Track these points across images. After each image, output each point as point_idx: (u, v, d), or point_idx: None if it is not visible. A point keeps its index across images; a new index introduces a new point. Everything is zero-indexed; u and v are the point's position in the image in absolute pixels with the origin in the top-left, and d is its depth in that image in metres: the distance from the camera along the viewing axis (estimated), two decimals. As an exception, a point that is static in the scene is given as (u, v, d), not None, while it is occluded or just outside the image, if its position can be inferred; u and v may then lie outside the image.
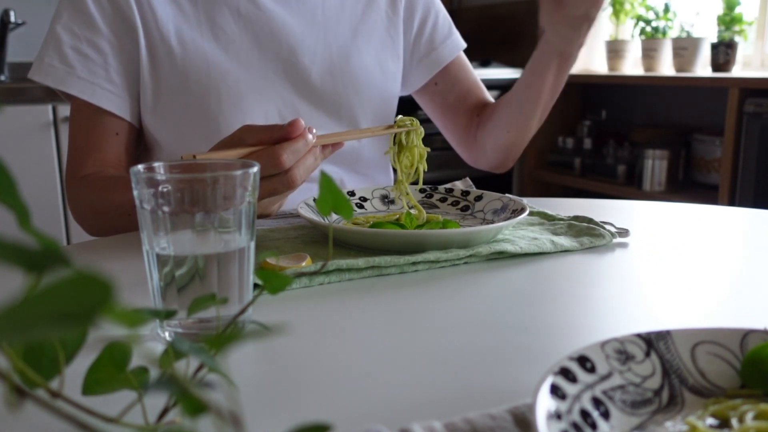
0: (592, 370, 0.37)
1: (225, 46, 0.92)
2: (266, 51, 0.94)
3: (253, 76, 0.93)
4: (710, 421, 0.36)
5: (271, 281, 0.40)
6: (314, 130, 0.70)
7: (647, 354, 0.39)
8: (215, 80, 0.90)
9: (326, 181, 0.39)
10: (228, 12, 0.93)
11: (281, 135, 0.67)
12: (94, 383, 0.35)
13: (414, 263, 0.64)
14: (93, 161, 0.90)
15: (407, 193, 0.80)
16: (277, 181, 0.67)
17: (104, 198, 0.86)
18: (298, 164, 0.67)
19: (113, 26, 0.89)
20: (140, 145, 0.98)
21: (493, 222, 0.77)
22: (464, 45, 1.11)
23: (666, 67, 2.69)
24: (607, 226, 0.75)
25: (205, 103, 0.90)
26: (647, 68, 2.71)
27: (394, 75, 1.05)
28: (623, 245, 0.73)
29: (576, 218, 0.78)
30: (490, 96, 1.13)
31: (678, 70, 2.61)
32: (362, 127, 1.02)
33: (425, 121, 1.09)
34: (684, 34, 2.61)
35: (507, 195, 0.81)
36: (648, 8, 2.74)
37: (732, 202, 2.26)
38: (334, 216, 0.77)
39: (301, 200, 0.77)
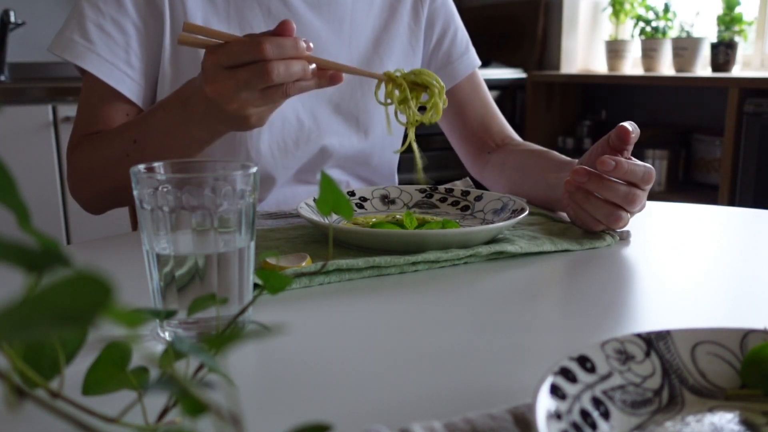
0: (592, 370, 0.37)
1: None
2: None
3: None
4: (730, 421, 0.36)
5: (271, 281, 0.40)
6: (311, 45, 0.67)
7: (647, 354, 0.39)
8: None
9: (326, 181, 0.39)
10: (258, 10, 0.92)
11: (270, 33, 0.65)
12: (94, 383, 0.35)
13: (414, 263, 0.64)
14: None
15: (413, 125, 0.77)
16: (253, 69, 0.64)
17: (101, 147, 0.84)
18: (280, 61, 0.64)
19: (141, 10, 0.88)
20: None
21: (493, 222, 0.77)
22: (479, 63, 1.10)
23: (666, 67, 2.69)
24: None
25: None
26: (647, 68, 2.71)
27: None
28: (623, 245, 0.73)
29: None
30: (511, 131, 1.08)
31: (678, 70, 2.61)
32: (378, 136, 1.01)
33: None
34: (684, 34, 2.62)
35: (507, 195, 0.81)
36: (648, 8, 2.74)
37: (732, 202, 2.26)
38: (334, 216, 0.77)
39: (301, 200, 0.77)
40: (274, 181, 0.96)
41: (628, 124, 0.73)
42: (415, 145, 0.78)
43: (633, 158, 0.72)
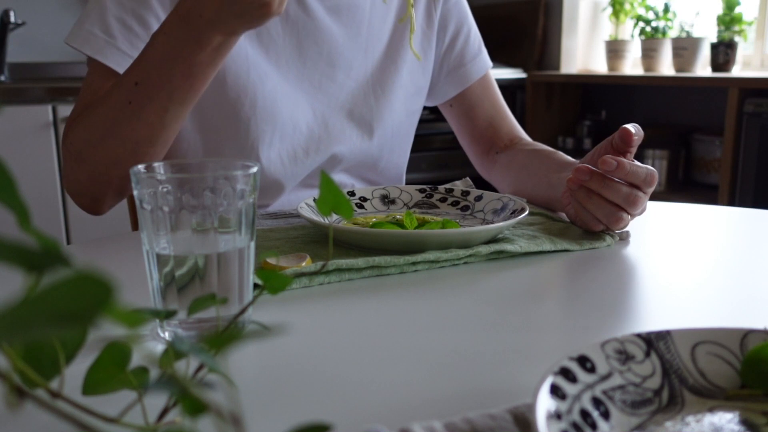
0: (592, 370, 0.37)
1: (266, 48, 0.90)
2: (306, 60, 0.92)
3: (290, 85, 0.92)
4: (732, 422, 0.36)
5: (271, 281, 0.40)
6: None
7: (647, 354, 0.39)
8: (253, 82, 0.88)
9: (326, 181, 0.39)
10: None
11: None
12: (94, 383, 0.35)
13: (414, 263, 0.64)
14: None
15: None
16: None
17: (97, 108, 0.78)
18: None
19: (165, 6, 0.85)
20: None
21: (493, 222, 0.77)
22: (490, 65, 1.09)
23: (666, 67, 2.69)
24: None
25: (239, 105, 0.88)
26: (647, 68, 2.71)
27: (421, 90, 1.04)
28: (623, 245, 0.73)
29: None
30: (520, 130, 1.07)
31: (678, 70, 2.61)
32: (388, 140, 1.01)
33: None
34: (684, 34, 2.62)
35: (507, 195, 0.81)
36: (648, 8, 2.74)
37: (732, 202, 2.26)
38: (334, 216, 0.77)
39: (302, 200, 0.77)
40: (283, 188, 0.95)
41: (632, 126, 0.72)
42: (413, 12, 0.81)
43: (635, 161, 0.72)
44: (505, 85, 2.83)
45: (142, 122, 0.74)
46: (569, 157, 0.89)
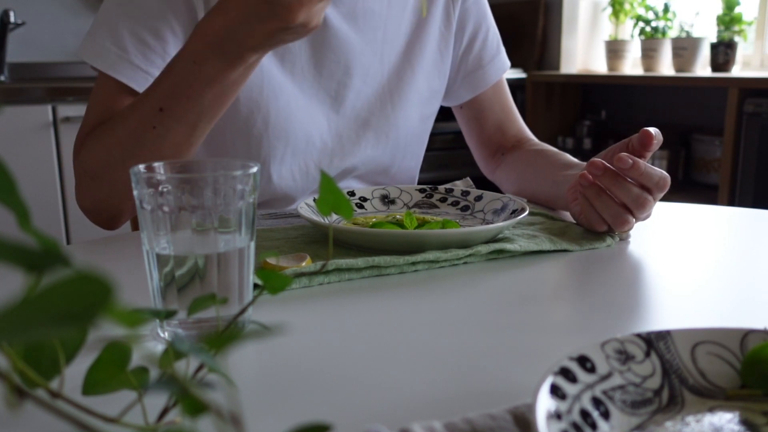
0: (592, 370, 0.37)
1: (282, 57, 0.88)
2: (322, 69, 0.91)
3: (306, 96, 0.90)
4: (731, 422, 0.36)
5: (271, 281, 0.40)
6: None
7: (647, 354, 0.39)
8: (266, 98, 0.86)
9: (326, 181, 0.39)
10: None
11: None
12: (94, 383, 0.35)
13: (413, 263, 0.64)
14: None
15: None
16: None
17: (114, 131, 0.76)
18: None
19: (178, 15, 0.81)
20: None
21: (493, 222, 0.77)
22: (509, 65, 1.07)
23: (666, 67, 2.69)
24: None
25: (251, 121, 0.86)
26: (647, 68, 2.71)
27: (437, 93, 1.02)
28: (623, 245, 0.73)
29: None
30: (526, 132, 1.07)
31: (678, 70, 2.61)
32: (401, 147, 0.99)
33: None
34: (683, 34, 2.62)
35: (507, 195, 0.81)
36: (648, 8, 2.74)
37: (732, 202, 2.26)
38: (334, 216, 0.77)
39: (302, 200, 0.77)
40: (293, 201, 0.94)
41: (652, 130, 0.71)
42: None
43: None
44: (505, 85, 2.83)
45: (167, 144, 0.72)
46: (575, 159, 0.89)
